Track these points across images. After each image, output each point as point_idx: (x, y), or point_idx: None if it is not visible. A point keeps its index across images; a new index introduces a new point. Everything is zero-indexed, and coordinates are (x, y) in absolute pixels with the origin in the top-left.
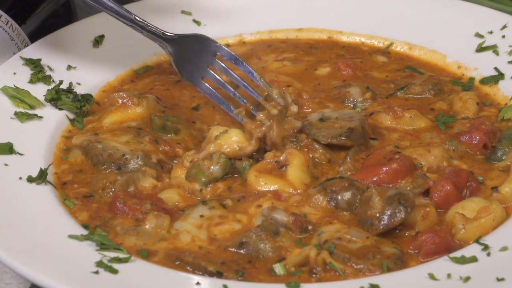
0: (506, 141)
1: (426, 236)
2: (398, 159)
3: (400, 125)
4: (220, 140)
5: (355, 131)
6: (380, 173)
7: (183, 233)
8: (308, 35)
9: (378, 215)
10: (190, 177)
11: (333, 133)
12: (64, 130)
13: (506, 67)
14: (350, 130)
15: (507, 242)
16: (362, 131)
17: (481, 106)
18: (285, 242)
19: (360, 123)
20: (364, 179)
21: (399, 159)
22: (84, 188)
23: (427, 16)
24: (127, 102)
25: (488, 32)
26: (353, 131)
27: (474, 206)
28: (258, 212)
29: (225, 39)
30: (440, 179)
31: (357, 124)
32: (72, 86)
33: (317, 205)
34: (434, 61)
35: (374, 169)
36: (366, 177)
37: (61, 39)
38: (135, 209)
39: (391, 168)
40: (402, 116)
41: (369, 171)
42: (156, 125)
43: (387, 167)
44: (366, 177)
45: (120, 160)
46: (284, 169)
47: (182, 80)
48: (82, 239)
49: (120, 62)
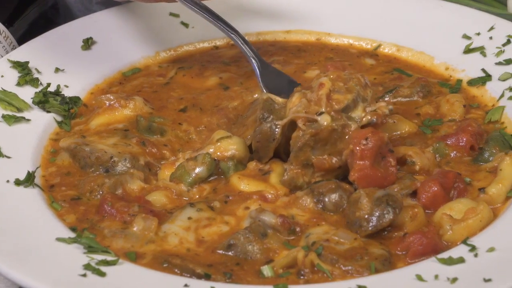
0: (493, 143)
1: (414, 237)
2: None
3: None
4: (221, 143)
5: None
6: (379, 184)
7: (171, 236)
8: (296, 37)
9: (366, 217)
10: (175, 178)
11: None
12: (52, 133)
13: (493, 69)
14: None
15: (494, 243)
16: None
17: (468, 108)
18: (273, 244)
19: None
20: (364, 186)
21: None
22: (72, 191)
23: (415, 18)
24: (114, 104)
25: (476, 34)
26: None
27: (461, 207)
28: (246, 214)
29: (213, 41)
30: (427, 180)
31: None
32: (60, 88)
33: (305, 206)
34: (422, 62)
35: (374, 178)
36: (364, 182)
37: (49, 42)
38: (123, 212)
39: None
40: (386, 122)
41: (369, 176)
42: (141, 126)
43: (387, 179)
44: (365, 185)
45: (108, 162)
46: (267, 175)
47: (171, 82)
48: (70, 242)
49: (109, 65)
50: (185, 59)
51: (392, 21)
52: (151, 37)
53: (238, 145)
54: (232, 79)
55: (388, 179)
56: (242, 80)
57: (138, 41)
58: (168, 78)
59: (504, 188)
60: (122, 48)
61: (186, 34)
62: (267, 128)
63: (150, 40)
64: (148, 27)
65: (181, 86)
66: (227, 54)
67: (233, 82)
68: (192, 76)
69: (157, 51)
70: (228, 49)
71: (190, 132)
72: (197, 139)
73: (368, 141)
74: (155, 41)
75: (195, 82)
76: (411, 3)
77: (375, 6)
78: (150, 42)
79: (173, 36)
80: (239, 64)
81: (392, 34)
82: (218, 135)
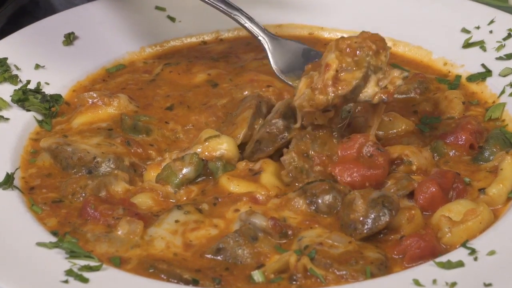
0: (493, 141)
1: (411, 240)
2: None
3: (380, 130)
4: (209, 143)
5: (262, 141)
6: (361, 178)
7: (157, 240)
8: (288, 31)
9: (361, 219)
10: (161, 179)
11: (247, 152)
12: (32, 132)
13: (493, 64)
14: (258, 142)
15: (495, 246)
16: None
17: (467, 105)
18: (264, 247)
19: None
20: (344, 176)
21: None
22: (53, 193)
23: (412, 11)
24: (97, 102)
25: (475, 27)
26: (261, 142)
27: (460, 208)
28: (235, 216)
29: (201, 36)
30: (425, 180)
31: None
32: (40, 86)
33: (297, 208)
34: (420, 58)
35: (356, 168)
36: (346, 175)
37: (29, 37)
38: (107, 215)
39: (375, 176)
40: (381, 120)
41: (350, 168)
42: (126, 125)
43: (370, 172)
44: (346, 174)
45: (91, 163)
46: (258, 175)
47: (156, 79)
48: (51, 246)
49: (92, 61)
50: (172, 54)
51: (388, 14)
52: (136, 31)
53: (228, 144)
54: (221, 75)
55: (376, 173)
56: (231, 77)
57: (123, 36)
58: (154, 75)
59: (505, 188)
60: (105, 44)
61: (173, 29)
62: (281, 126)
63: (135, 35)
64: (133, 21)
65: (168, 83)
66: (215, 49)
67: (222, 79)
68: (179, 73)
69: (143, 46)
70: (216, 44)
71: (177, 131)
72: (184, 138)
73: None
74: (140, 36)
75: (182, 78)
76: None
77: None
78: (135, 37)
79: (159, 31)
80: (228, 60)
81: (387, 28)
82: (206, 134)
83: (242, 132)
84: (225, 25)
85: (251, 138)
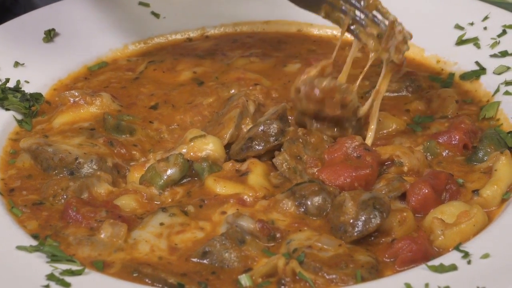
0: (487, 141)
1: (403, 243)
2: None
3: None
4: (194, 143)
5: (255, 138)
6: (350, 179)
7: (142, 243)
8: (276, 28)
9: (351, 221)
10: (145, 181)
11: (235, 149)
12: (12, 132)
13: (488, 61)
14: (250, 139)
15: (488, 248)
16: (263, 135)
17: (461, 104)
18: (252, 251)
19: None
20: (333, 180)
21: (371, 166)
22: (34, 195)
23: (403, 6)
24: (79, 101)
25: (469, 24)
26: (253, 139)
27: (453, 210)
28: (222, 219)
29: (187, 33)
30: (418, 181)
31: (257, 131)
32: (20, 84)
33: (285, 210)
34: (412, 55)
35: (342, 170)
36: (333, 178)
37: (8, 33)
38: (89, 217)
39: (363, 175)
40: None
41: (338, 171)
42: (109, 125)
43: (358, 172)
44: (333, 178)
45: (73, 164)
46: (245, 176)
47: (140, 77)
48: (31, 250)
49: (73, 58)
50: (156, 52)
51: None
52: (119, 28)
53: (214, 144)
54: (207, 73)
55: (364, 172)
56: (217, 75)
57: (105, 33)
58: (137, 73)
59: (499, 190)
60: (87, 40)
61: (157, 25)
62: (277, 127)
63: (118, 32)
64: (116, 17)
65: (152, 82)
66: (201, 46)
67: (208, 77)
68: (163, 71)
69: (126, 43)
70: (202, 41)
71: (161, 131)
72: (169, 138)
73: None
74: (123, 32)
75: (167, 77)
76: None
77: None
78: (118, 34)
79: (143, 27)
80: (215, 58)
81: None
82: (192, 134)
83: (229, 132)
84: (211, 21)
85: (239, 137)
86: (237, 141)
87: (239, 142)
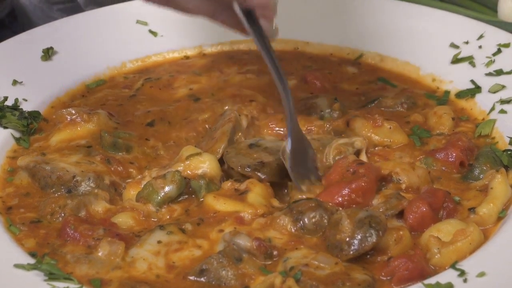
0: (483, 159)
1: (399, 262)
2: (364, 175)
3: (377, 135)
4: (190, 161)
5: (266, 166)
6: (347, 193)
7: (139, 261)
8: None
9: (347, 240)
10: (142, 198)
11: (243, 162)
12: (9, 150)
13: (483, 80)
14: (261, 163)
15: (484, 267)
16: (277, 168)
17: (457, 121)
18: (249, 269)
19: (275, 161)
20: (330, 200)
21: (365, 176)
22: (31, 213)
23: (399, 26)
24: (76, 118)
25: (464, 42)
26: (265, 166)
27: (450, 228)
28: (219, 237)
29: (184, 51)
30: (415, 199)
31: (271, 160)
32: (18, 102)
33: (283, 227)
34: (407, 73)
35: (339, 188)
36: (331, 199)
37: (6, 52)
38: (87, 235)
39: (358, 187)
40: (382, 125)
41: (334, 190)
42: (106, 142)
43: (353, 185)
44: (331, 198)
45: (70, 182)
46: (244, 195)
47: (137, 94)
48: (29, 268)
49: (71, 76)
50: (153, 69)
51: (374, 29)
52: (117, 46)
53: (210, 162)
54: (203, 90)
55: (360, 184)
56: (213, 91)
57: (103, 51)
58: (134, 90)
59: (495, 208)
60: (85, 58)
61: (154, 43)
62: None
63: (116, 50)
64: (114, 35)
65: (148, 99)
66: (198, 63)
67: (204, 93)
68: (160, 88)
69: (123, 61)
70: (199, 58)
71: (158, 148)
72: (165, 155)
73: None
74: (121, 50)
75: (163, 94)
76: (394, 10)
77: (356, 13)
78: (116, 52)
79: (141, 46)
80: (211, 74)
81: (375, 43)
82: (187, 151)
83: (221, 146)
84: (209, 39)
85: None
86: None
87: (246, 155)
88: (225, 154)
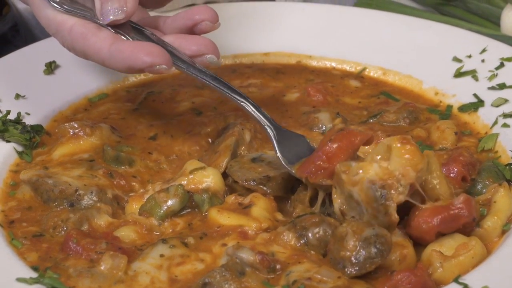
0: (486, 173)
1: (402, 276)
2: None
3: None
4: (194, 175)
5: (272, 180)
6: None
7: (142, 275)
8: (275, 60)
9: (352, 259)
10: (145, 211)
11: (248, 176)
12: (12, 164)
13: (486, 94)
14: (267, 178)
15: (488, 281)
16: (282, 182)
17: (460, 135)
18: (252, 282)
19: (280, 175)
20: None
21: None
22: (34, 227)
23: (402, 39)
24: (78, 132)
25: (467, 56)
26: (270, 180)
27: (452, 243)
28: (222, 251)
29: None
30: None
31: (276, 174)
32: (20, 116)
33: (286, 242)
34: (410, 87)
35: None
36: (303, 171)
37: (9, 66)
38: (89, 249)
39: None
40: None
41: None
42: (108, 156)
43: (319, 152)
44: (303, 171)
45: (73, 196)
46: (248, 209)
47: (140, 108)
48: (31, 282)
49: (73, 90)
50: (156, 83)
51: (377, 43)
52: None
53: (213, 177)
54: (206, 103)
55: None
56: (215, 105)
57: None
58: (137, 104)
59: (499, 221)
60: (87, 72)
61: None
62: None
63: None
64: None
65: (151, 112)
66: None
67: (206, 107)
68: (162, 101)
69: (126, 75)
70: None
71: (160, 161)
72: (168, 168)
73: (331, 144)
74: None
75: (166, 107)
76: (397, 24)
77: (359, 27)
78: None
79: None
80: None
81: (377, 57)
82: (191, 166)
83: (225, 160)
84: None
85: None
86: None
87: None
88: (228, 168)
